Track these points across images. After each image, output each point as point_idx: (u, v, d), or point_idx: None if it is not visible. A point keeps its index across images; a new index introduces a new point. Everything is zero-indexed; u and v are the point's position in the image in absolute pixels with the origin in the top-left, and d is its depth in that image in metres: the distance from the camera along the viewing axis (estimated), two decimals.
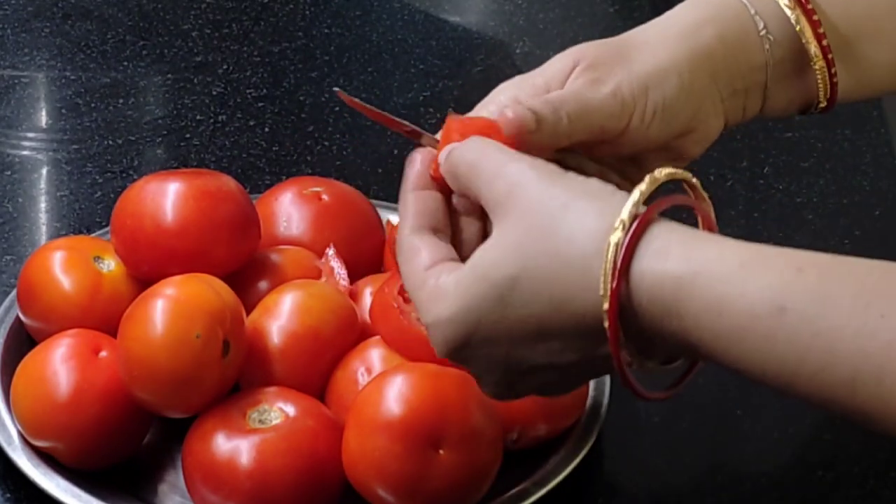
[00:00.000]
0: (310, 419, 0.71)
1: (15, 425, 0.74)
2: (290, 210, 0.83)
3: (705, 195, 0.59)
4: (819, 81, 0.67)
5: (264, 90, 1.06)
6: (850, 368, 0.51)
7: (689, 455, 0.79)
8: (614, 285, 0.54)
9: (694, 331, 0.54)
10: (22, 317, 0.79)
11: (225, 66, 1.09)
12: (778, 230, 0.97)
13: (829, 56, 0.66)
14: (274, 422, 0.71)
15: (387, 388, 0.70)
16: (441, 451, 0.69)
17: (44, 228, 0.94)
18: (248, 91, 1.06)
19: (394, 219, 0.85)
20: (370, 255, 0.83)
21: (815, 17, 0.66)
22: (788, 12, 0.66)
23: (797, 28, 0.66)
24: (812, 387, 0.53)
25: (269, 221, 0.82)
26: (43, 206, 0.95)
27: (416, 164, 0.64)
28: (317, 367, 0.75)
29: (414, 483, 0.69)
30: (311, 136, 1.02)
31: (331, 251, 0.80)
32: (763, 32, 0.66)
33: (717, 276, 0.54)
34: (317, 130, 1.03)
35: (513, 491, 0.73)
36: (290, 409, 0.71)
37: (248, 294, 0.77)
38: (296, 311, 0.75)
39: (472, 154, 0.60)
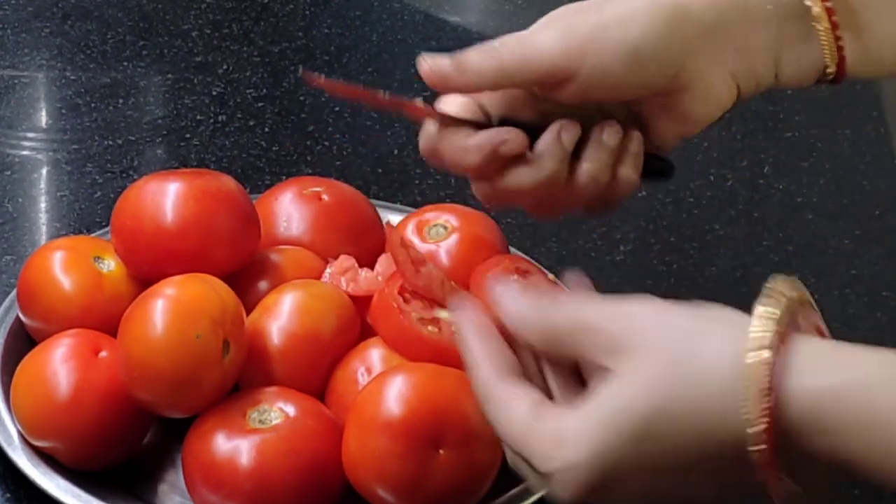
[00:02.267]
0: (310, 419, 0.71)
1: (15, 425, 0.74)
2: (290, 210, 0.83)
3: (815, 308, 0.56)
4: (824, 44, 0.66)
5: (264, 90, 1.06)
6: None
7: None
8: (768, 404, 0.52)
9: (845, 446, 0.52)
10: (22, 317, 0.79)
11: (225, 67, 1.09)
12: (778, 230, 0.97)
13: (833, 18, 0.66)
14: (274, 422, 0.71)
15: (387, 388, 0.70)
16: (441, 451, 0.69)
17: (44, 228, 0.94)
18: (248, 91, 1.06)
19: (394, 219, 0.86)
20: (370, 255, 0.83)
21: None
22: None
23: None
24: None
25: (269, 221, 0.82)
26: (43, 206, 0.96)
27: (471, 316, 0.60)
28: (317, 368, 0.75)
29: (414, 483, 0.69)
30: (311, 136, 1.02)
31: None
32: None
33: (870, 387, 0.52)
34: (317, 130, 1.03)
35: (513, 491, 0.72)
36: (290, 410, 0.71)
37: (248, 294, 0.77)
38: (296, 311, 0.75)
39: (566, 311, 0.57)
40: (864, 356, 0.53)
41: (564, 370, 0.58)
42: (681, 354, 0.54)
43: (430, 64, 0.64)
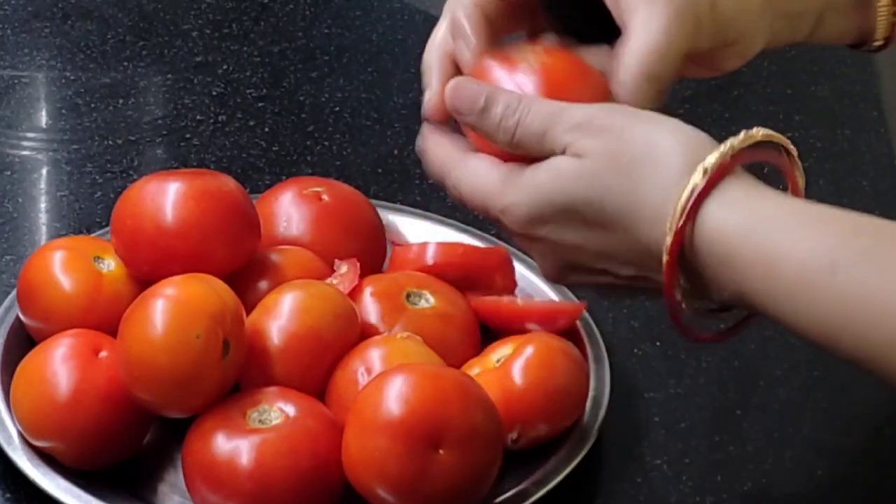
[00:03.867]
0: (310, 419, 0.71)
1: (15, 425, 0.74)
2: (290, 210, 0.83)
3: (800, 164, 0.61)
4: (881, 17, 0.67)
5: (264, 90, 1.07)
6: (893, 329, 0.53)
7: (689, 455, 0.79)
8: (680, 224, 0.57)
9: (746, 281, 0.56)
10: (22, 317, 0.79)
11: (225, 67, 1.09)
12: None
13: None
14: (274, 422, 0.71)
15: (386, 388, 0.69)
16: (441, 452, 0.69)
17: (44, 228, 0.94)
18: (248, 91, 1.06)
19: (393, 219, 0.86)
20: (370, 254, 0.83)
21: None
22: None
23: None
24: (857, 346, 0.54)
25: (269, 221, 0.82)
26: (43, 206, 0.96)
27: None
28: (317, 368, 0.75)
29: (414, 483, 0.69)
30: (311, 136, 1.02)
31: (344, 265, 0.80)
32: None
33: (774, 230, 0.56)
34: (317, 130, 1.03)
35: (513, 491, 0.73)
36: (290, 410, 0.71)
37: (248, 294, 0.77)
38: (296, 311, 0.75)
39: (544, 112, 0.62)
40: (780, 201, 0.57)
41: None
42: (638, 153, 0.59)
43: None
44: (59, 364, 0.73)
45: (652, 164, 0.59)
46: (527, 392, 0.74)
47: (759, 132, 0.59)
